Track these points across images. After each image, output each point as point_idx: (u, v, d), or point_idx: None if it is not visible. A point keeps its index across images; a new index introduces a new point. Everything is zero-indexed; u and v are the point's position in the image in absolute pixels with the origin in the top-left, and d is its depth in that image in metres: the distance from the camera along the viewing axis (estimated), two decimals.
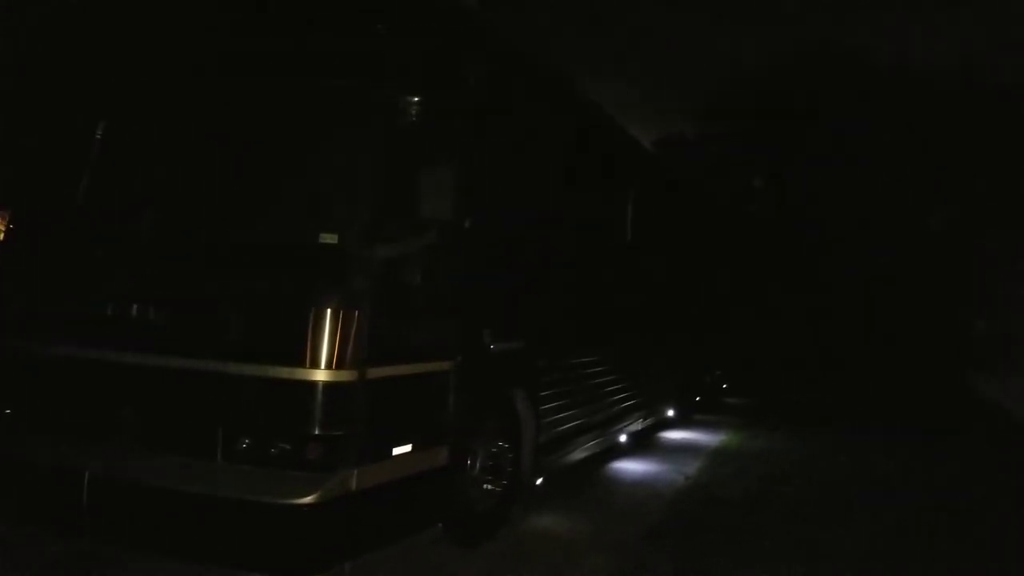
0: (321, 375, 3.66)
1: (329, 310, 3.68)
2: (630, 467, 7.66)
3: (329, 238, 3.78)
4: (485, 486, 4.99)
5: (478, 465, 4.91)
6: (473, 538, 4.89)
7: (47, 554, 4.33)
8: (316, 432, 3.66)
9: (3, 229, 4.61)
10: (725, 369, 13.35)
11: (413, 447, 4.18)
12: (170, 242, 4.11)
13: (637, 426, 8.37)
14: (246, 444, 3.72)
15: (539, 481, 5.75)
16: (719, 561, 4.97)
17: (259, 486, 3.62)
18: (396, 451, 4.07)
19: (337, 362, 3.69)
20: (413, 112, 3.98)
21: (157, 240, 4.12)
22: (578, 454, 6.61)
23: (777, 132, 23.66)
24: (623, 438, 7.91)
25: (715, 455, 8.68)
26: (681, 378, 10.21)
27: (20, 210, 4.61)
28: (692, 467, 7.84)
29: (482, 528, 4.98)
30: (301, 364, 3.66)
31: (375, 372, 3.86)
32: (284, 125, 4.12)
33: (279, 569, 3.62)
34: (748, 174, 26.19)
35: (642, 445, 8.61)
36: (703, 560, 4.97)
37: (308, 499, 3.56)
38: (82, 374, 4.05)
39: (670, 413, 9.79)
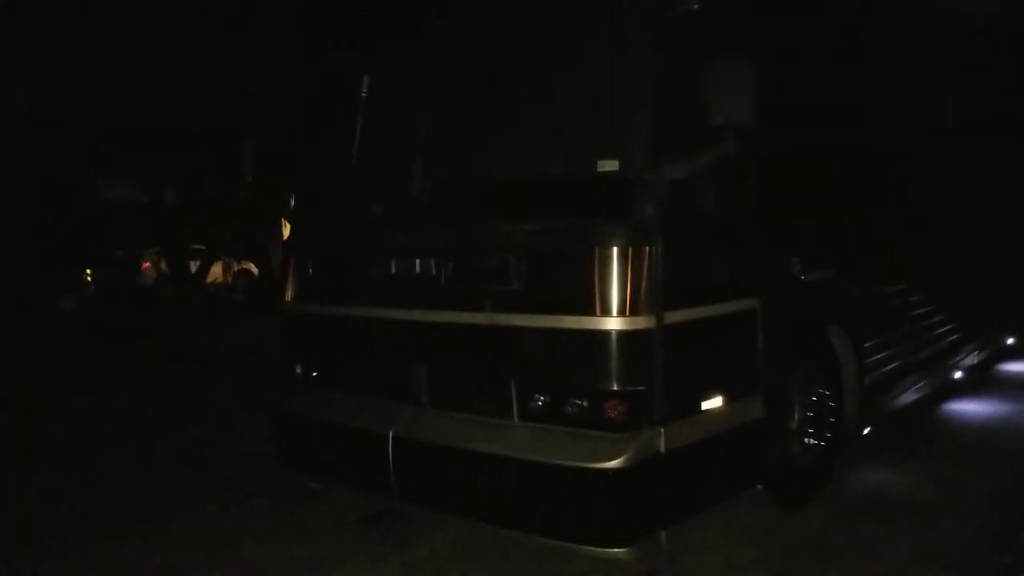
0: (614, 323, 3.20)
1: (616, 248, 3.20)
2: (972, 409, 6.42)
3: (608, 165, 3.28)
4: (806, 440, 4.29)
5: (796, 416, 4.22)
6: (797, 498, 4.23)
7: (358, 509, 4.46)
8: (614, 388, 3.23)
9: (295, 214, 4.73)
10: None
11: (724, 400, 3.61)
12: (444, 194, 3.86)
13: (972, 359, 6.98)
14: (541, 402, 3.41)
15: (866, 431, 4.89)
16: None
17: (559, 448, 3.29)
18: (705, 405, 3.54)
19: (631, 308, 3.20)
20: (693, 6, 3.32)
21: (433, 195, 3.89)
22: (907, 396, 5.58)
23: None
24: (958, 374, 6.63)
25: None
26: (1017, 300, 8.45)
27: (307, 189, 4.69)
28: None
29: (806, 487, 4.30)
30: (591, 312, 3.23)
31: (674, 316, 3.32)
32: (542, 41, 3.64)
33: (587, 538, 3.27)
34: None
35: (982, 381, 7.23)
36: None
37: (614, 463, 3.15)
38: (379, 335, 4.00)
39: (1010, 341, 8.15)
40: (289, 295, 4.57)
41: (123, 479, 5.57)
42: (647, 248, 3.23)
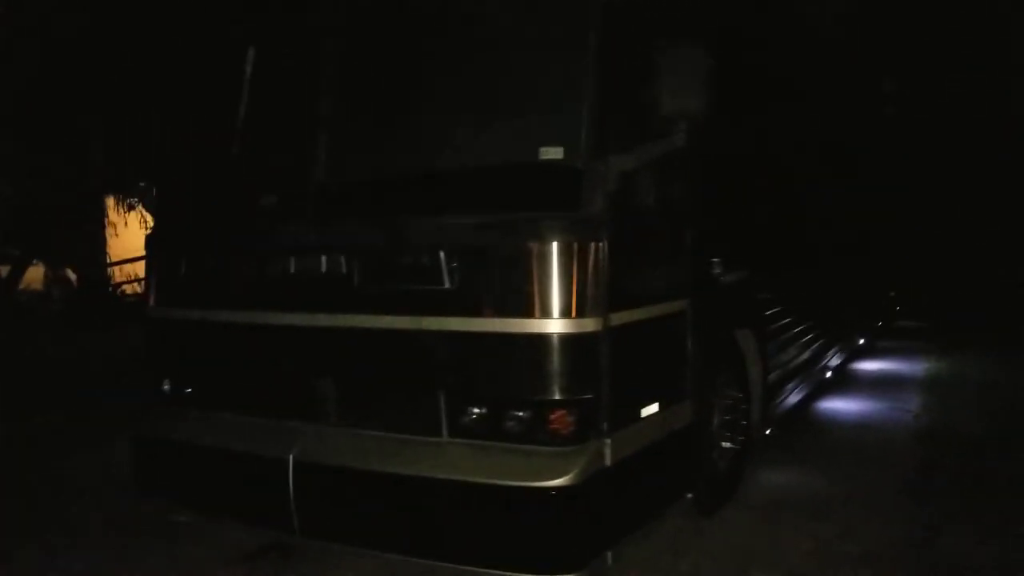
0: (559, 326, 2.91)
1: (563, 243, 2.91)
2: (843, 407, 6.70)
3: (552, 153, 2.98)
4: (723, 444, 4.20)
5: (715, 420, 4.12)
6: (714, 504, 4.13)
7: (240, 545, 3.88)
8: (559, 397, 2.94)
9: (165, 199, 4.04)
10: (898, 290, 12.06)
11: (660, 405, 3.41)
12: (358, 183, 3.41)
13: (837, 359, 7.36)
14: (475, 415, 3.04)
15: (767, 432, 4.91)
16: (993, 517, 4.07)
17: (498, 466, 2.94)
18: (644, 412, 3.32)
19: (577, 309, 2.93)
20: None
21: (344, 183, 3.42)
22: (794, 397, 5.72)
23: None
24: (828, 374, 6.94)
25: (928, 387, 7.59)
26: (868, 302, 9.09)
27: (183, 175, 4.04)
28: (912, 402, 6.80)
29: (723, 492, 4.22)
30: (533, 314, 2.92)
31: (618, 318, 3.08)
32: (476, 9, 3.28)
33: (533, 566, 2.92)
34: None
35: (842, 380, 7.61)
36: (979, 516, 4.09)
37: (560, 480, 2.85)
38: (273, 344, 3.47)
39: (861, 341, 8.71)
40: (156, 298, 3.92)
41: None
42: (595, 244, 2.96)
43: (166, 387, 3.88)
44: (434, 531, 3.08)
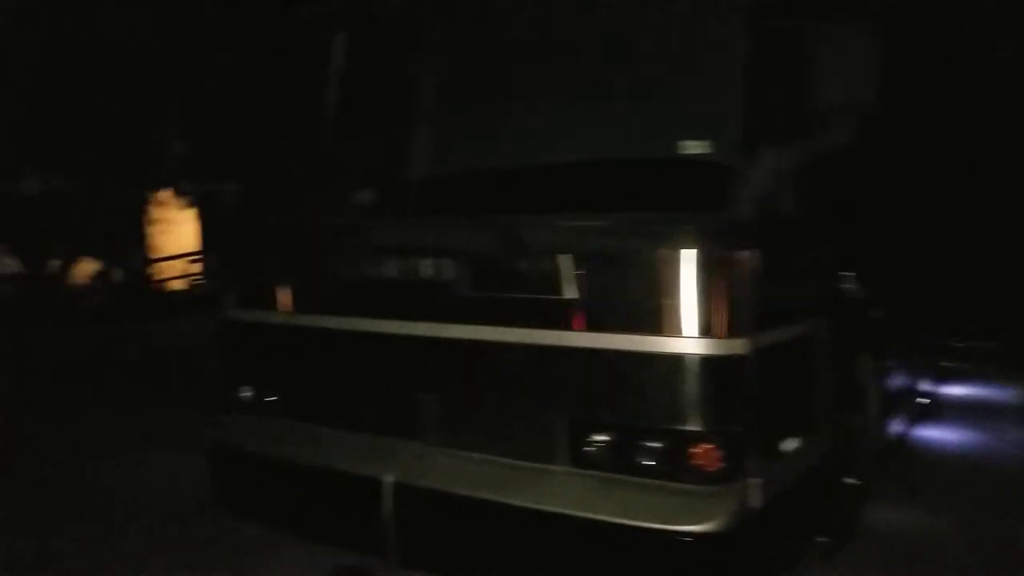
0: (709, 346, 2.54)
1: (716, 251, 2.54)
2: (938, 436, 6.21)
3: (697, 147, 2.62)
4: (846, 479, 3.79)
5: (842, 453, 3.71)
6: (835, 547, 3.71)
7: (318, 563, 3.60)
8: (706, 428, 2.57)
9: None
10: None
11: (799, 439, 3.02)
12: (471, 181, 3.08)
13: (928, 385, 6.86)
14: (603, 444, 2.69)
15: (886, 465, 4.48)
16: None
17: (631, 504, 2.58)
18: (785, 446, 2.94)
19: (729, 327, 2.55)
20: None
21: (455, 180, 3.10)
22: (901, 426, 5.27)
23: None
24: (927, 399, 6.45)
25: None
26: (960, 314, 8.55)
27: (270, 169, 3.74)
28: (1011, 433, 6.29)
29: (844, 533, 3.80)
30: (678, 331, 2.55)
31: (764, 339, 2.71)
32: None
33: None
34: None
35: (938, 406, 7.11)
36: None
37: (707, 526, 2.48)
38: (370, 353, 3.16)
39: (946, 364, 8.18)
40: (235, 300, 3.63)
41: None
42: (748, 253, 2.59)
43: (245, 394, 3.58)
44: (551, 570, 2.72)
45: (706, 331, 2.53)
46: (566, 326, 2.71)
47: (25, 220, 14.64)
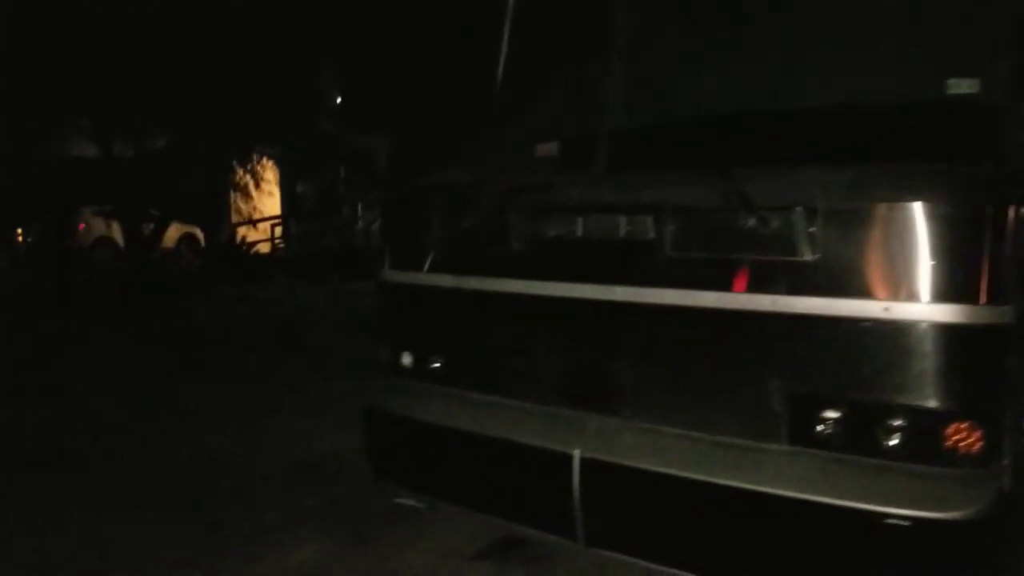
0: (970, 314, 2.24)
1: (979, 205, 2.23)
2: None
3: (963, 86, 2.30)
4: None
5: None
6: None
7: (473, 535, 3.51)
8: (961, 407, 2.29)
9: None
10: None
11: None
12: (672, 128, 2.82)
13: None
14: (833, 421, 2.43)
15: None
16: None
17: (870, 487, 2.31)
18: None
19: (990, 293, 2.25)
20: None
21: (651, 128, 2.85)
22: None
23: None
24: None
25: None
26: None
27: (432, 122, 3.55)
28: None
29: None
30: (931, 297, 2.26)
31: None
32: None
33: None
34: None
35: None
36: None
37: (965, 512, 2.21)
38: (553, 319, 2.95)
39: None
40: (396, 261, 3.48)
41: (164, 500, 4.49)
42: (1019, 209, 2.28)
43: (406, 360, 3.44)
44: (763, 556, 2.50)
45: (969, 297, 2.24)
46: (791, 290, 2.45)
47: (127, 181, 14.97)
